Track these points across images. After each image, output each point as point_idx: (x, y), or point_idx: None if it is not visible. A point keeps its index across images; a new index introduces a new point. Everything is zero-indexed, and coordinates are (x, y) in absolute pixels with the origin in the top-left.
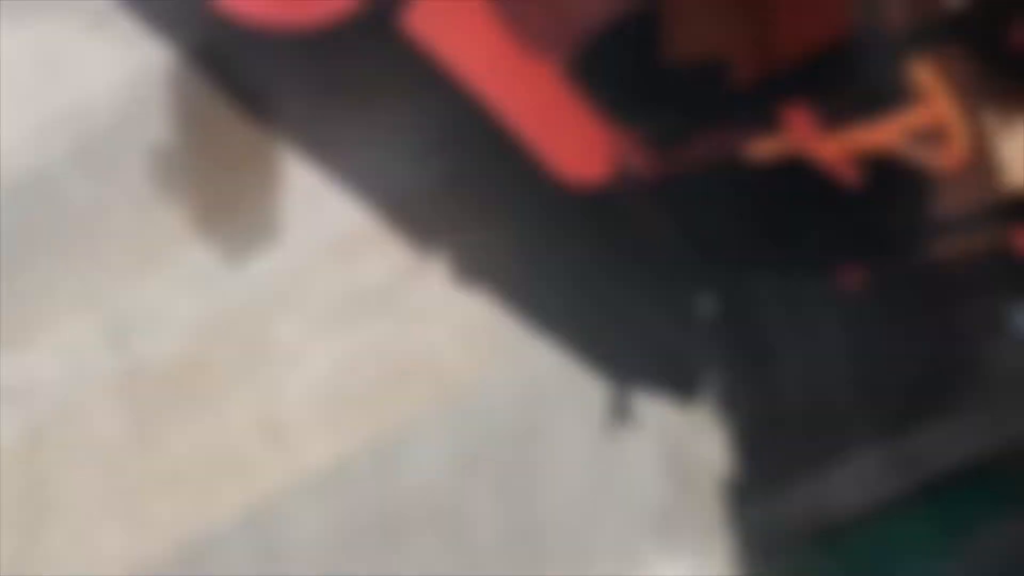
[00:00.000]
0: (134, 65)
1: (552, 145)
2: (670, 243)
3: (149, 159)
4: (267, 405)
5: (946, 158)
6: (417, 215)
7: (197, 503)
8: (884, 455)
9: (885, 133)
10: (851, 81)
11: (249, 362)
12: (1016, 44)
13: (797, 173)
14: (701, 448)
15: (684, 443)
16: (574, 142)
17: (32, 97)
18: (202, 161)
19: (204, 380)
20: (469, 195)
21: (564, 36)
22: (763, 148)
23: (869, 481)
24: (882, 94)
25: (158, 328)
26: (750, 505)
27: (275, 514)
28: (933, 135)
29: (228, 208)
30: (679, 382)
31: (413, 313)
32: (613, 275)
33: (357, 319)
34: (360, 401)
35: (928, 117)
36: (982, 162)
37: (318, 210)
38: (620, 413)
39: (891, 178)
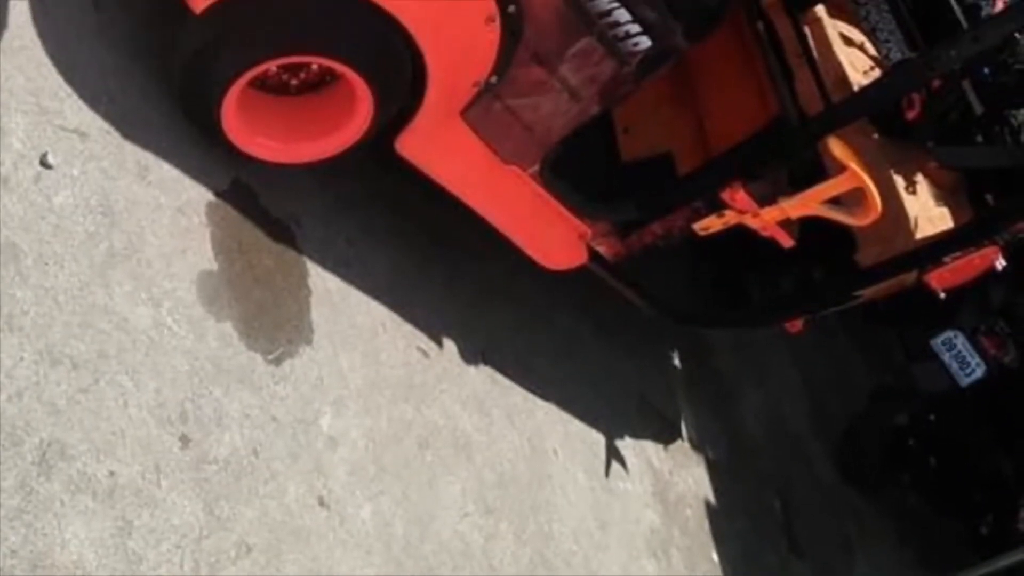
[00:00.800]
0: (179, 204)
1: (531, 240)
2: (640, 308)
3: (198, 281)
4: (316, 481)
5: (863, 217)
6: (424, 306)
7: (266, 568)
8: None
9: (811, 201)
10: (779, 160)
11: (298, 446)
12: (912, 117)
13: (740, 242)
14: (682, 481)
15: (668, 478)
16: (549, 236)
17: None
18: (241, 278)
19: (262, 465)
20: (467, 288)
21: (534, 148)
22: (710, 224)
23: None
24: (806, 169)
25: (219, 424)
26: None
27: (331, 572)
28: (851, 199)
29: (267, 316)
30: (659, 426)
31: (430, 390)
32: (595, 341)
33: (384, 400)
34: (394, 470)
35: (845, 185)
36: (894, 218)
37: (341, 312)
38: (613, 456)
39: (819, 238)
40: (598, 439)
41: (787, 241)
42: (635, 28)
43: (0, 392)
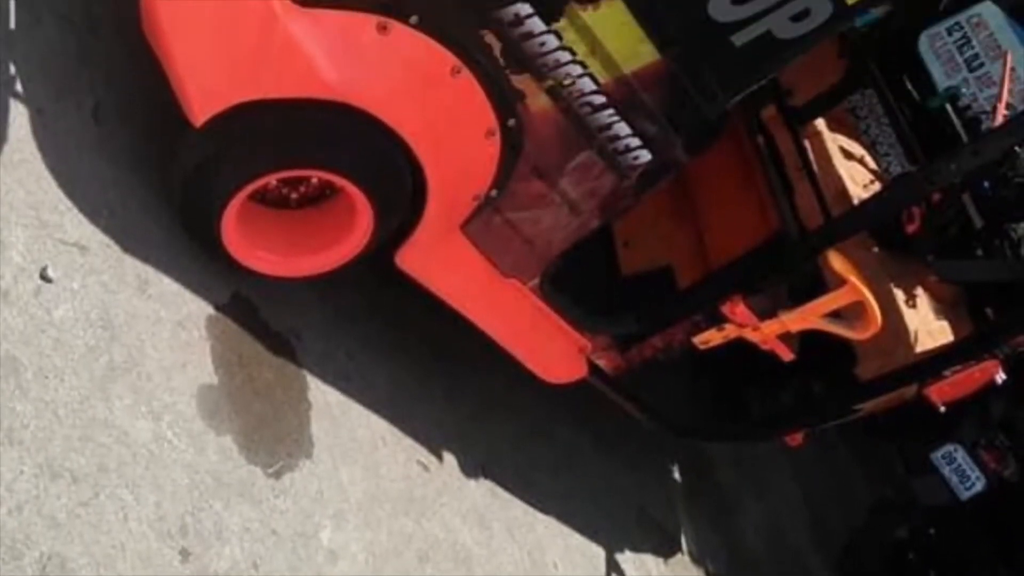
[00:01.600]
0: (179, 318)
1: (531, 354)
2: (640, 422)
3: (199, 395)
4: None
5: (863, 331)
6: (424, 420)
7: None
8: None
9: (811, 315)
10: (779, 274)
11: (298, 560)
12: (912, 231)
13: (740, 355)
14: None
15: None
16: (549, 349)
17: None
18: (242, 392)
19: None
20: (468, 401)
21: (534, 262)
22: (710, 337)
23: None
24: (806, 282)
25: (220, 537)
26: None
27: None
28: (851, 313)
29: (267, 430)
30: (659, 539)
31: (430, 503)
32: (595, 453)
33: (384, 514)
34: None
35: (845, 298)
36: (894, 332)
37: (341, 425)
38: (613, 570)
39: (819, 351)
40: (598, 552)
41: (787, 355)
42: (635, 142)
43: (0, 506)
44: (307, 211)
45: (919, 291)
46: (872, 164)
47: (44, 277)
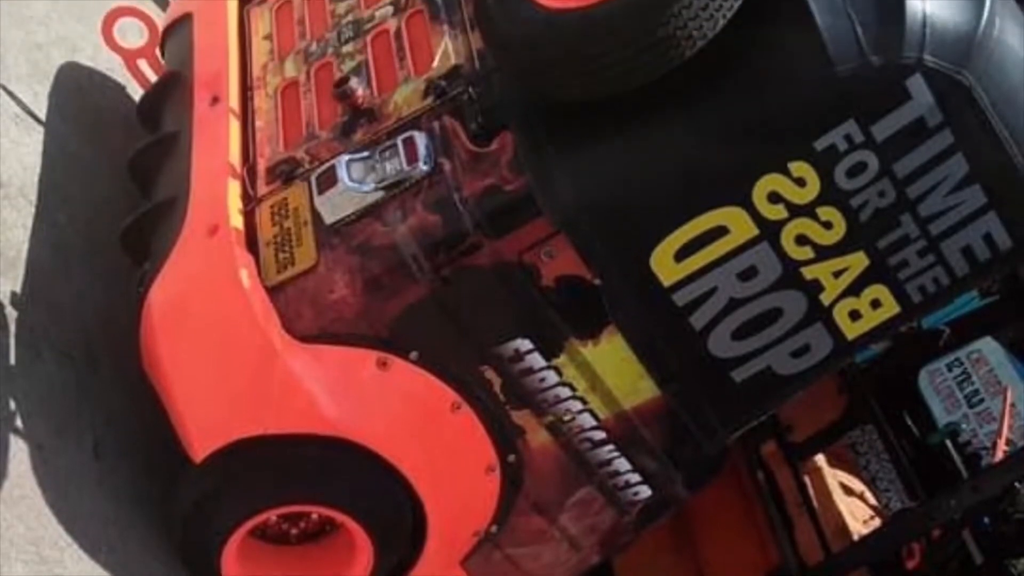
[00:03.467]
0: None
1: None
2: None
3: None
4: None
5: None
6: None
7: None
8: None
9: None
10: None
11: None
12: (912, 567)
13: None
14: None
15: None
16: None
17: None
18: None
19: None
20: None
21: None
22: None
23: None
24: None
25: None
26: None
27: None
28: None
29: None
30: None
31: None
32: None
33: None
34: None
35: None
36: None
37: None
38: None
39: None
40: None
41: None
42: (635, 477)
43: None
44: (307, 547)
45: None
46: (872, 500)
47: None
